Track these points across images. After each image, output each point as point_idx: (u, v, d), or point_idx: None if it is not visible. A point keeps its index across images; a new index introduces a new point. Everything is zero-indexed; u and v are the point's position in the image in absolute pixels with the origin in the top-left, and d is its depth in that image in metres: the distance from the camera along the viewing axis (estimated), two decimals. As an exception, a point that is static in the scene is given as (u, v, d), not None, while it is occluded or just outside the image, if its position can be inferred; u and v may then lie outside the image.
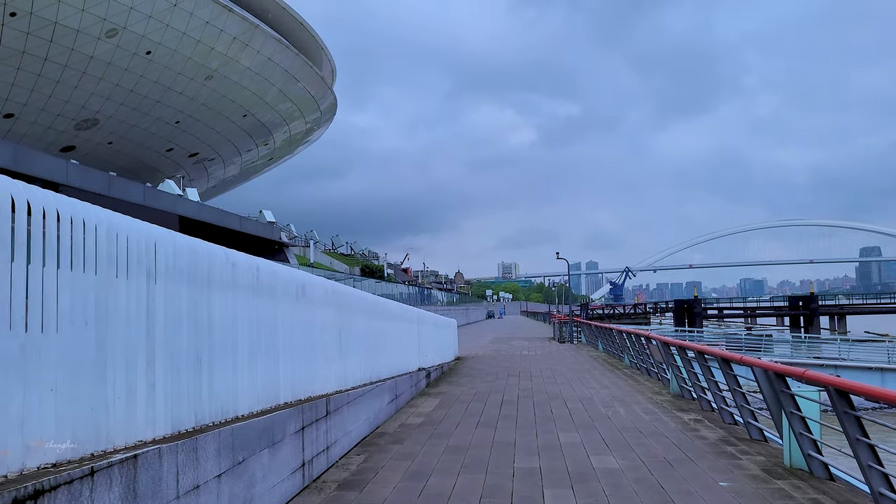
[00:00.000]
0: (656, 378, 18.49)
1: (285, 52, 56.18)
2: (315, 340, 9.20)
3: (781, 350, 48.67)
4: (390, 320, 14.32)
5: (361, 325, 11.83)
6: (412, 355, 16.76)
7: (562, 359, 26.20)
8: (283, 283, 8.16)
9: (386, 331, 13.75)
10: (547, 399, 14.92)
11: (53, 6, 42.50)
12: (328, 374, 9.72)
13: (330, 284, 10.16)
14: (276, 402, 7.80)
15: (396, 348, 14.75)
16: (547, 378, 19.25)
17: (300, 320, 8.70)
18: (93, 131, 53.05)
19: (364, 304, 12.16)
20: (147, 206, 25.70)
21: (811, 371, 7.04)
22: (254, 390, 7.12)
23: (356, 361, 11.30)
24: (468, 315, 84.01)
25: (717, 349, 11.13)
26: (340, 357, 10.41)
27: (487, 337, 45.82)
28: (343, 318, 10.70)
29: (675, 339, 14.40)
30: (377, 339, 12.97)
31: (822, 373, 7.02)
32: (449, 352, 23.83)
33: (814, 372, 7.02)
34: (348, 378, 10.74)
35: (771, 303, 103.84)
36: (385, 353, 13.57)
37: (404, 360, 15.48)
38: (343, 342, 10.58)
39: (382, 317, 13.49)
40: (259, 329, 7.33)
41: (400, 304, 16.42)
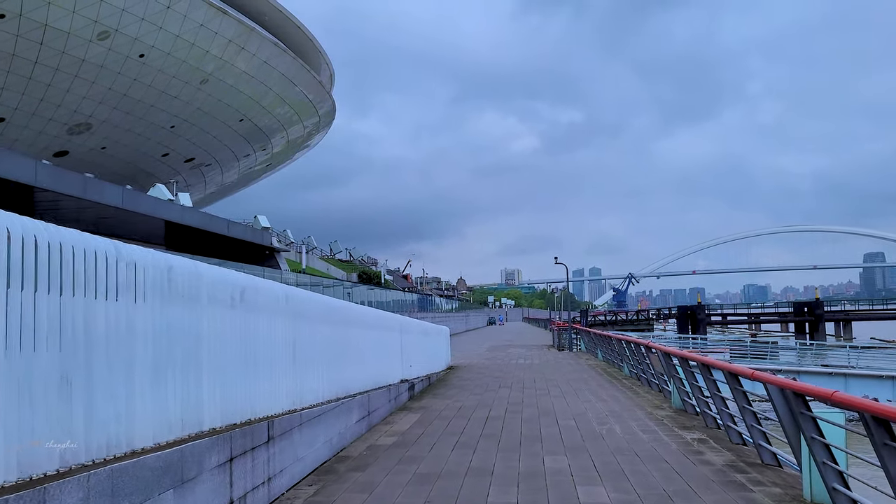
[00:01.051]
0: (657, 390, 17.12)
1: (282, 55, 55.03)
2: (258, 353, 7.88)
3: (787, 357, 47.15)
4: (365, 329, 12.99)
5: (325, 335, 10.51)
6: (393, 366, 15.42)
7: (558, 368, 24.82)
8: (211, 287, 6.85)
9: (359, 341, 12.42)
10: (537, 415, 13.57)
11: (43, 8, 41.41)
12: (276, 391, 8.40)
13: (282, 289, 8.85)
14: (199, 428, 6.48)
15: (372, 359, 13.41)
16: (540, 390, 17.88)
17: (236, 330, 7.38)
18: (86, 136, 51.93)
19: (329, 311, 10.84)
20: (126, 210, 24.49)
21: (842, 393, 5.69)
22: (162, 416, 5.80)
23: (317, 376, 9.97)
24: (468, 322, 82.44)
25: (724, 362, 9.77)
26: (295, 371, 9.08)
27: (485, 344, 44.41)
28: (300, 327, 9.38)
29: (676, 350, 13.04)
30: (346, 350, 11.64)
31: (853, 395, 5.66)
32: (439, 361, 22.47)
33: (845, 395, 5.67)
34: (305, 395, 9.41)
35: (776, 309, 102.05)
36: (357, 365, 12.24)
37: (382, 371, 14.14)
38: (299, 354, 9.25)
39: (354, 325, 12.16)
40: (171, 341, 6.02)
41: (380, 311, 15.10)
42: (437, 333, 22.48)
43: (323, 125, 70.39)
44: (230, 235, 32.31)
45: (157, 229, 30.09)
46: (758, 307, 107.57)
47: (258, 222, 49.10)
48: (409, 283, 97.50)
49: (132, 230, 29.52)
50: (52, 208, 24.81)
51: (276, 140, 66.22)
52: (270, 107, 59.38)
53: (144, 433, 5.53)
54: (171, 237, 31.66)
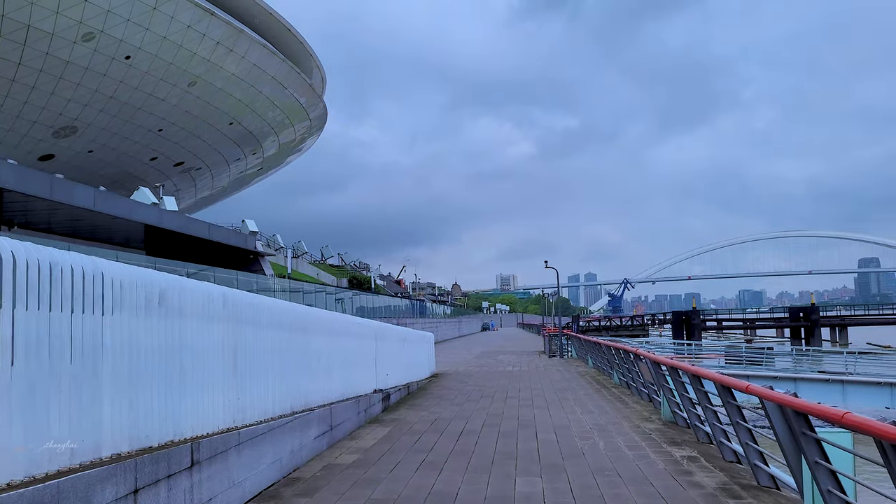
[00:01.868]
0: (647, 399, 16.12)
1: (271, 58, 54.07)
2: (184, 365, 6.88)
3: (783, 364, 46.16)
4: (331, 336, 11.98)
5: (278, 343, 9.51)
6: (365, 376, 14.41)
7: (546, 376, 23.78)
8: (118, 290, 5.85)
9: (323, 349, 11.41)
10: (516, 428, 12.55)
11: (26, 8, 40.42)
12: (210, 407, 7.39)
13: (219, 292, 7.84)
14: (97, 454, 5.47)
15: (339, 369, 12.40)
16: (524, 400, 16.86)
17: (154, 339, 6.38)
18: (72, 139, 50.89)
19: (284, 317, 9.83)
20: (98, 212, 23.46)
21: (853, 414, 4.70)
22: (38, 443, 4.81)
23: (266, 388, 8.96)
24: (460, 327, 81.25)
25: (716, 373, 8.77)
26: (236, 384, 8.08)
27: (475, 351, 43.35)
28: (243, 334, 8.38)
29: (665, 359, 12.04)
30: (306, 359, 10.63)
31: (867, 418, 4.67)
32: (421, 369, 21.44)
33: (857, 416, 4.68)
34: (249, 409, 8.40)
35: (771, 314, 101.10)
36: (320, 375, 11.23)
37: (351, 382, 13.13)
38: (242, 365, 8.25)
39: (316, 332, 11.14)
40: (55, 354, 5.02)
41: (350, 317, 14.07)
42: (418, 340, 21.44)
43: (315, 129, 69.45)
44: (211, 239, 31.24)
45: (137, 233, 29.08)
46: (753, 312, 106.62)
47: (246, 226, 48.09)
48: (402, 289, 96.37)
49: (110, 234, 28.53)
50: (23, 210, 23.81)
51: (268, 144, 65.24)
52: (261, 110, 58.41)
53: (10, 467, 4.53)
54: (150, 241, 30.65)
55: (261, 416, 8.73)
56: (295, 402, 10.05)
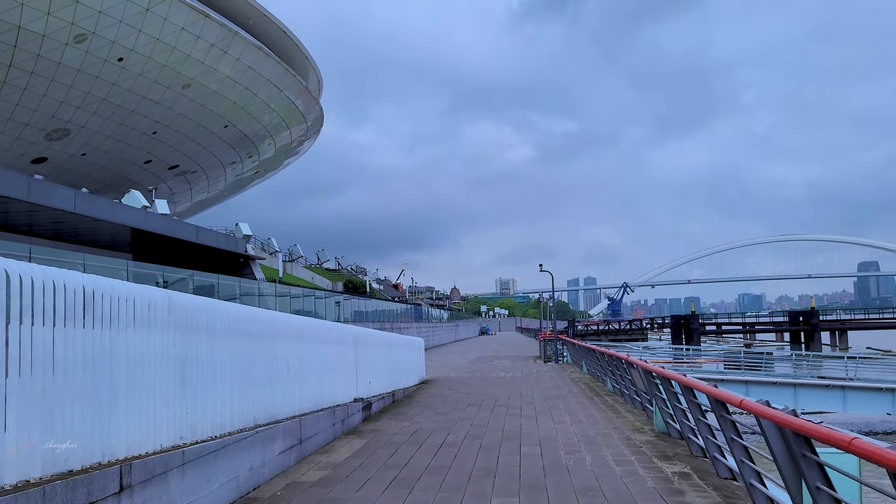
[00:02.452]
0: (640, 408, 15.40)
1: (266, 60, 53.40)
2: (116, 378, 6.17)
3: (783, 369, 45.39)
4: (303, 343, 11.26)
5: (239, 352, 8.80)
6: (344, 384, 13.69)
7: (539, 382, 23.04)
8: (28, 292, 5.15)
9: (292, 356, 10.70)
10: (500, 440, 11.83)
11: (16, 9, 39.77)
12: (151, 423, 6.68)
13: (163, 296, 7.13)
14: None
15: (312, 378, 11.68)
16: (512, 409, 16.13)
17: (76, 349, 5.68)
18: (65, 142, 50.24)
19: (245, 323, 9.11)
20: (79, 214, 22.78)
21: (863, 440, 3.99)
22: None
23: (222, 400, 8.25)
24: (457, 332, 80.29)
25: (709, 385, 8.04)
26: (184, 397, 7.37)
27: (470, 356, 42.57)
28: (194, 342, 7.67)
29: (657, 368, 11.31)
30: (272, 368, 9.92)
31: (878, 445, 3.95)
32: (410, 376, 20.69)
33: (867, 443, 3.97)
34: (201, 424, 7.69)
35: (770, 318, 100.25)
36: (288, 384, 10.51)
37: (327, 390, 12.41)
38: (191, 376, 7.54)
39: (285, 339, 10.43)
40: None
41: (326, 322, 13.36)
42: (406, 346, 20.71)
43: (311, 132, 68.79)
44: (199, 242, 30.53)
45: (123, 236, 28.38)
46: (752, 316, 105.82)
47: (239, 230, 47.39)
48: (400, 293, 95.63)
49: (95, 237, 27.84)
50: (3, 211, 23.12)
51: (264, 147, 64.59)
52: (256, 113, 57.74)
53: None
54: (137, 245, 29.94)
55: (215, 432, 8.02)
56: (259, 415, 9.34)
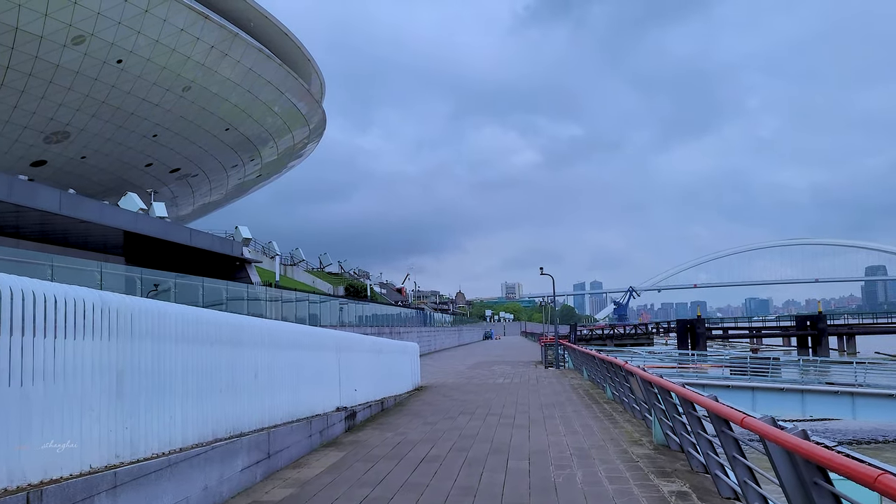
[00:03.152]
0: (640, 417, 14.54)
1: (267, 62, 52.74)
2: (29, 393, 5.39)
3: (790, 374, 44.37)
4: (274, 349, 10.46)
5: (195, 359, 8.02)
6: (325, 392, 12.88)
7: (537, 389, 22.17)
8: None
9: (261, 364, 9.90)
10: (486, 453, 10.99)
11: (13, 11, 39.24)
12: (79, 441, 5.89)
13: (95, 299, 6.34)
14: None
15: (285, 386, 10.88)
16: (505, 418, 15.29)
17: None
18: (64, 145, 49.68)
19: (203, 328, 8.32)
20: (65, 216, 22.07)
21: (891, 478, 3.17)
22: None
23: (171, 413, 7.46)
24: (460, 336, 79.25)
25: (710, 399, 7.21)
26: (121, 410, 6.57)
27: (470, 361, 41.68)
28: (137, 349, 6.88)
29: (656, 377, 10.46)
30: (236, 376, 9.12)
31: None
32: (402, 382, 19.88)
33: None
34: (143, 441, 6.89)
35: (777, 322, 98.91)
36: (255, 394, 9.71)
37: (303, 399, 11.60)
38: (132, 387, 6.75)
39: (252, 345, 9.64)
40: None
41: (303, 327, 12.53)
42: (398, 351, 19.88)
43: (314, 136, 68.16)
44: (193, 245, 29.79)
45: (115, 239, 27.67)
46: (759, 321, 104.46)
47: (239, 233, 46.68)
48: (403, 297, 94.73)
49: (86, 240, 27.13)
50: (-13, 214, 22.45)
51: (266, 151, 63.97)
52: (258, 116, 57.11)
53: None
54: (130, 248, 29.21)
55: (162, 448, 7.22)
56: (219, 428, 8.54)
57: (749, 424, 5.32)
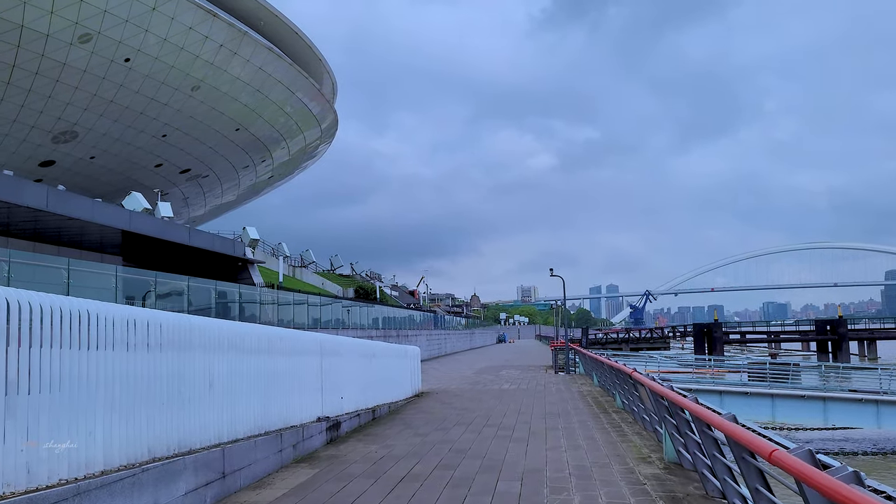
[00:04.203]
0: (651, 428, 13.22)
1: (278, 62, 51.82)
2: None
3: (810, 380, 42.65)
4: (235, 354, 9.26)
5: (123, 366, 6.84)
6: (303, 401, 11.68)
7: (543, 396, 20.84)
8: None
9: (216, 371, 8.71)
10: (475, 472, 9.73)
11: (18, 8, 38.54)
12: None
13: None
14: None
15: (250, 395, 9.68)
16: (504, 429, 14.01)
17: None
18: (72, 145, 49.00)
19: (133, 331, 7.15)
20: (52, 213, 21.09)
21: None
22: None
23: (87, 431, 6.26)
24: (472, 340, 77.71)
25: (728, 422, 5.90)
26: (13, 431, 5.41)
27: (478, 365, 40.34)
28: (38, 356, 5.72)
29: (666, 389, 9.13)
30: (183, 385, 7.93)
31: None
32: (399, 388, 18.64)
33: None
34: (42, 467, 5.71)
35: (797, 327, 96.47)
36: (208, 405, 8.51)
37: (273, 410, 10.40)
38: (23, 403, 5.58)
39: (203, 349, 8.45)
40: None
41: (274, 329, 11.32)
42: (395, 356, 18.64)
43: (325, 137, 67.22)
44: (192, 245, 28.76)
45: (112, 238, 26.71)
46: (778, 325, 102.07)
47: (247, 234, 45.78)
48: (416, 300, 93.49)
49: (81, 238, 26.19)
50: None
51: (277, 152, 63.08)
52: (268, 116, 56.22)
53: None
54: (128, 248, 28.25)
55: (74, 473, 6.05)
56: (158, 445, 7.36)
57: (781, 462, 4.04)
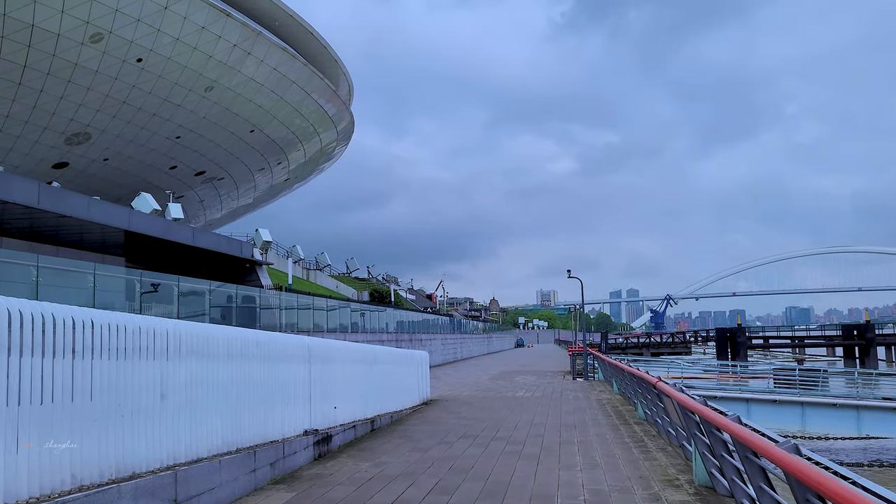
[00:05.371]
0: (677, 443, 11.77)
1: (293, 62, 50.81)
2: None
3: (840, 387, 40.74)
4: (194, 360, 7.99)
5: (39, 376, 5.59)
6: (286, 412, 10.36)
7: (560, 404, 19.37)
8: None
9: (170, 380, 7.44)
10: (474, 498, 8.32)
11: (29, 7, 37.84)
12: None
13: None
14: None
15: (219, 406, 8.39)
16: (513, 443, 12.61)
17: None
18: (86, 147, 48.31)
19: (53, 333, 5.89)
20: (43, 210, 20.02)
21: None
22: None
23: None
24: (490, 344, 76.02)
25: (784, 451, 4.48)
26: None
27: (494, 370, 38.83)
28: None
29: (699, 405, 7.69)
30: (123, 398, 6.67)
31: None
32: (405, 396, 17.29)
33: None
34: None
35: (822, 332, 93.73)
36: (160, 420, 7.23)
37: (246, 423, 9.10)
38: None
39: (149, 356, 7.18)
40: None
41: (253, 332, 10.01)
42: (400, 361, 17.29)
43: (342, 139, 66.20)
44: (196, 245, 27.62)
45: (114, 238, 25.68)
46: (803, 330, 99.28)
47: (259, 236, 44.78)
48: (433, 303, 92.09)
49: (81, 238, 25.18)
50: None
51: (293, 154, 62.12)
52: (283, 117, 55.26)
53: None
54: (131, 248, 27.20)
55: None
56: (87, 471, 6.08)
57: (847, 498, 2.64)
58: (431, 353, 48.93)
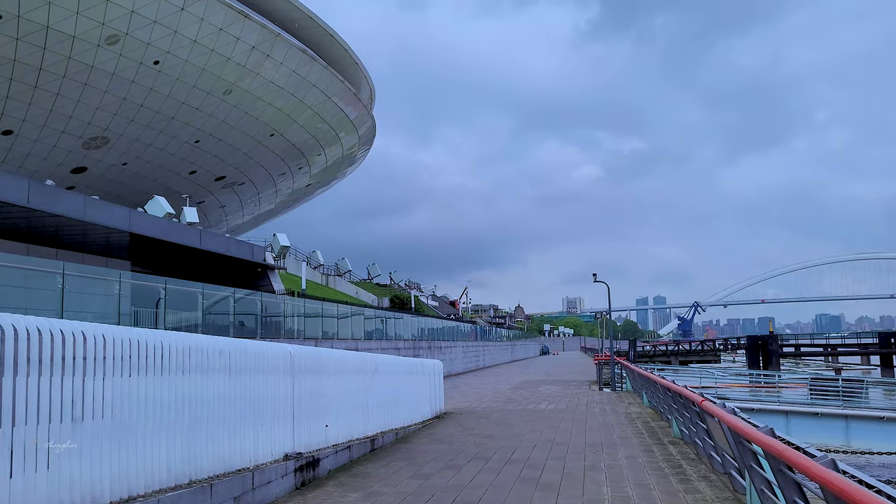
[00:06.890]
0: (722, 470, 9.97)
1: (312, 64, 49.59)
2: None
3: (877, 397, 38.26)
4: (136, 374, 6.42)
5: None
6: (260, 434, 8.75)
7: (585, 419, 17.55)
8: None
9: (87, 397, 5.88)
10: (477, 547, 6.67)
11: (43, 8, 37.02)
12: None
13: None
14: None
15: (166, 429, 6.81)
16: (531, 468, 10.86)
17: None
18: (104, 151, 47.46)
19: None
20: (36, 209, 18.77)
21: None
22: None
23: None
24: (514, 352, 73.87)
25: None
26: None
27: (516, 379, 36.95)
28: None
29: (754, 432, 5.94)
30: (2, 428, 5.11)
31: None
32: (414, 410, 15.62)
33: None
34: None
35: (858, 339, 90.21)
36: (75, 452, 5.67)
37: (203, 451, 7.52)
38: None
39: (51, 368, 5.61)
40: None
41: (219, 340, 8.41)
42: (407, 371, 15.58)
43: (363, 144, 64.90)
44: (203, 248, 26.31)
45: (119, 240, 24.44)
46: (837, 337, 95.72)
47: (277, 241, 43.50)
48: (456, 310, 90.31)
49: (84, 240, 23.99)
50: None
51: (314, 158, 60.90)
52: (303, 121, 54.05)
53: None
54: (136, 251, 25.97)
55: None
56: None
57: None
58: (452, 362, 47.19)
